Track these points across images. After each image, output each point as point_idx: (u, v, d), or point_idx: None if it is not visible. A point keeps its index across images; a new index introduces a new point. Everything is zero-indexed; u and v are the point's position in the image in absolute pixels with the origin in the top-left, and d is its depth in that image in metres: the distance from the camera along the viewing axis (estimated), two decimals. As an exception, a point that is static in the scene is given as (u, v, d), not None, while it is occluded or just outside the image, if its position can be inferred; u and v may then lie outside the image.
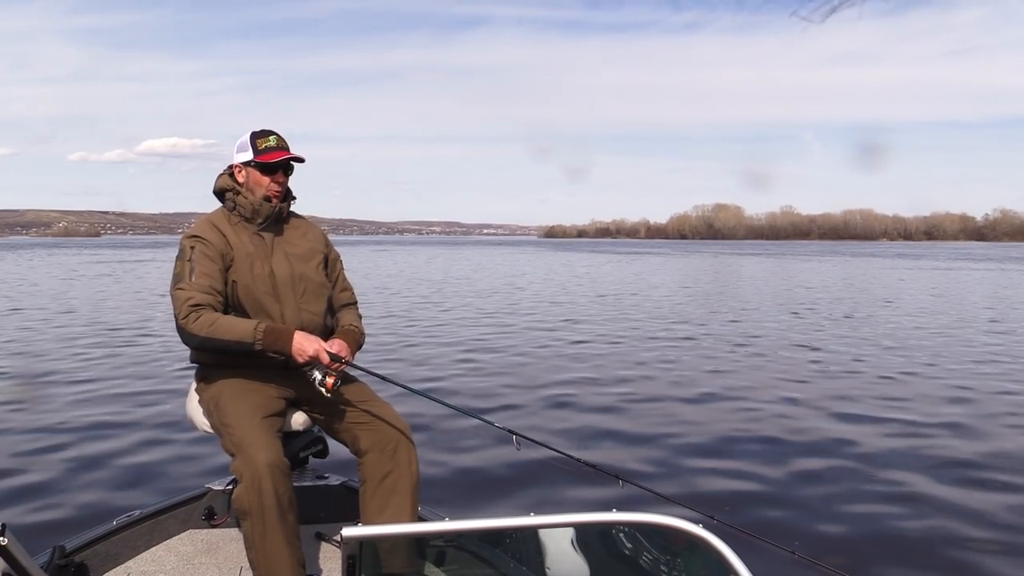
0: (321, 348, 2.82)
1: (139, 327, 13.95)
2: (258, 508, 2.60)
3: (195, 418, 3.09)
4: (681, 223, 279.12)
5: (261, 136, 3.03)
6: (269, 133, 3.04)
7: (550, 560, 1.82)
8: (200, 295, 2.81)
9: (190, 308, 2.78)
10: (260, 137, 3.02)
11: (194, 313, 2.78)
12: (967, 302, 21.37)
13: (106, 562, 3.02)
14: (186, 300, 2.80)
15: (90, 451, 6.05)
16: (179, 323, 2.81)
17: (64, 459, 5.82)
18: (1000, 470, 5.67)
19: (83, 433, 6.57)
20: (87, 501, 4.92)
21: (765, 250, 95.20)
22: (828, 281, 31.45)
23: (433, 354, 11.14)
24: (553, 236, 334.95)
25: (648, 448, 6.36)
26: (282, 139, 3.05)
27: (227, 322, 2.81)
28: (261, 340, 2.78)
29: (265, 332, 2.79)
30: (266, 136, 3.03)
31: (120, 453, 6.00)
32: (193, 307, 2.78)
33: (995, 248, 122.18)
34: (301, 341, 2.80)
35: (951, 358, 10.91)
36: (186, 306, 2.79)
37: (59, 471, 5.54)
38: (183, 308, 2.79)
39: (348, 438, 3.00)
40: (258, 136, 3.03)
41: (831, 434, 6.72)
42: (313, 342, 2.82)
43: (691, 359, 10.86)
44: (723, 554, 1.48)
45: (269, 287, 2.96)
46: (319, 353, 2.81)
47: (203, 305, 2.80)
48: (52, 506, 4.84)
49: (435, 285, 27.46)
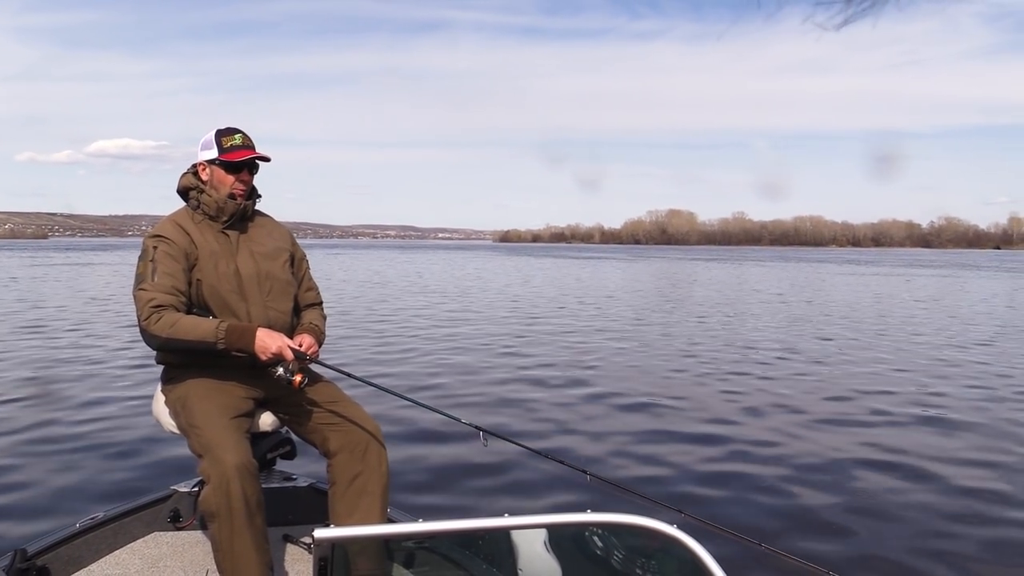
0: (284, 345, 2.79)
1: (89, 328, 13.68)
2: (226, 510, 2.57)
3: (161, 419, 3.05)
4: (635, 228, 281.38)
5: (226, 134, 3.00)
6: (234, 131, 3.02)
7: (522, 562, 1.81)
8: (162, 295, 2.78)
9: (151, 309, 2.75)
10: (225, 135, 2.99)
11: (156, 314, 2.75)
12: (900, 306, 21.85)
13: (69, 566, 2.97)
14: (148, 301, 2.76)
15: (50, 453, 5.92)
16: (141, 324, 2.77)
17: (23, 462, 5.68)
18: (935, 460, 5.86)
19: (41, 434, 6.43)
20: (48, 504, 4.81)
21: (717, 255, 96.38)
22: (777, 285, 31.96)
23: (399, 354, 11.11)
24: (508, 241, 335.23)
25: (611, 443, 6.44)
26: (247, 137, 3.03)
27: (189, 322, 2.78)
28: (223, 339, 2.75)
29: (227, 331, 2.76)
30: (231, 134, 3.00)
31: (82, 454, 5.88)
32: (155, 308, 2.75)
33: (944, 255, 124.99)
34: (264, 338, 2.78)
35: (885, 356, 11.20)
36: (148, 307, 2.75)
37: (18, 474, 5.41)
38: (145, 309, 2.76)
39: (318, 439, 2.97)
40: (223, 134, 3.00)
41: (775, 428, 6.86)
42: (276, 339, 2.79)
43: (644, 359, 10.96)
44: (696, 553, 1.49)
45: (234, 286, 2.93)
46: (282, 350, 2.78)
47: (165, 306, 2.77)
48: (12, 509, 4.73)
49: (393, 286, 27.35)
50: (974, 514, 4.92)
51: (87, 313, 17.02)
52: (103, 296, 22.24)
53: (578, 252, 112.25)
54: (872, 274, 44.96)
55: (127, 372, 9.49)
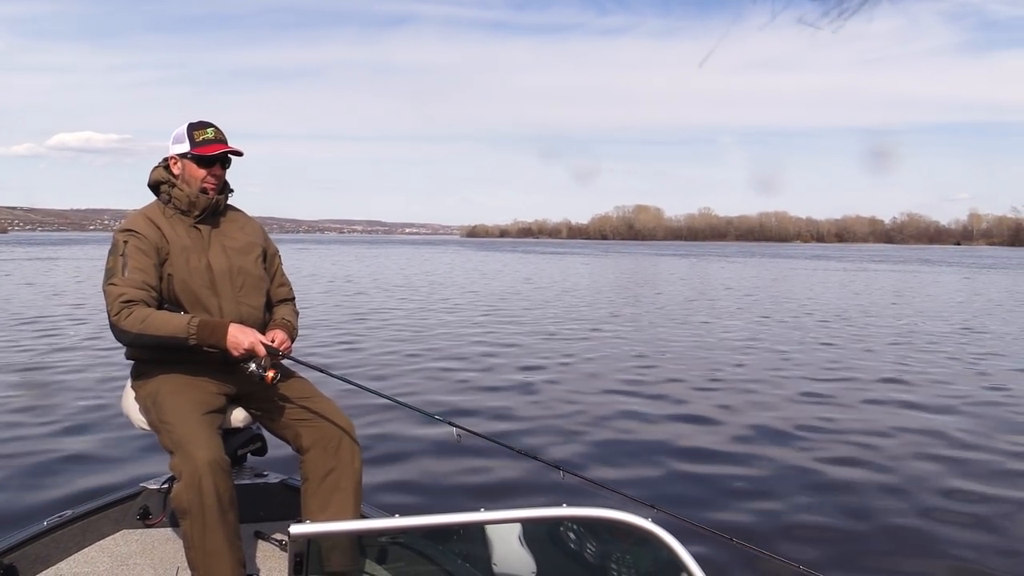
0: (257, 340, 2.78)
1: (52, 322, 13.47)
2: (198, 507, 2.55)
3: (131, 415, 3.02)
4: (602, 224, 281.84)
5: (199, 128, 2.98)
6: (207, 125, 3.00)
7: (497, 556, 1.81)
8: (132, 291, 2.75)
9: (122, 304, 2.72)
10: (198, 129, 2.98)
11: (126, 309, 2.72)
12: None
13: (36, 564, 2.93)
14: (118, 296, 2.74)
15: (15, 450, 5.83)
16: (111, 319, 2.75)
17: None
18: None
19: (5, 432, 6.33)
20: (14, 502, 4.73)
21: (684, 251, 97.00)
22: (750, 282, 32.25)
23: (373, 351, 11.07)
24: (475, 236, 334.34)
25: (586, 440, 6.48)
26: (220, 131, 3.01)
27: (159, 317, 2.75)
28: (195, 335, 2.73)
29: (199, 326, 2.74)
30: (204, 128, 2.98)
31: (49, 452, 5.79)
32: (125, 303, 2.72)
33: (905, 250, 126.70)
34: (236, 334, 2.76)
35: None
36: (117, 302, 2.73)
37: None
38: (115, 304, 2.73)
39: (290, 435, 2.96)
40: (195, 128, 2.98)
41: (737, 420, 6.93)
42: (248, 334, 2.78)
43: (615, 352, 11.01)
44: (671, 546, 1.50)
45: (206, 280, 2.91)
46: (255, 346, 2.77)
47: (135, 301, 2.74)
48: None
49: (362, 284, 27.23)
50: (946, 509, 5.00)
51: (49, 308, 16.75)
52: (67, 291, 21.90)
53: (546, 247, 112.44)
54: (842, 270, 45.50)
55: (94, 367, 9.38)
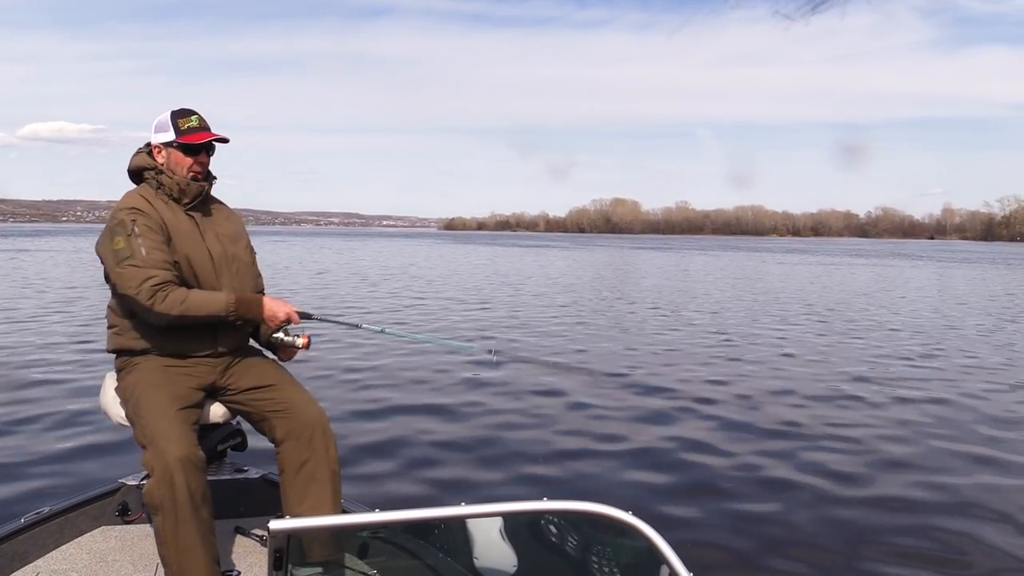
0: (292, 309, 2.93)
1: (23, 314, 13.31)
2: (170, 503, 2.54)
3: (109, 408, 3.01)
4: (580, 217, 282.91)
5: (183, 116, 2.98)
6: (190, 113, 3.00)
7: (478, 550, 1.82)
8: (160, 272, 2.74)
9: (154, 287, 2.71)
10: (182, 117, 2.97)
11: (160, 292, 2.72)
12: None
13: (13, 561, 2.91)
14: (146, 279, 2.71)
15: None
16: (144, 304, 2.71)
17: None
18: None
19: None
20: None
21: (662, 244, 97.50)
22: (731, 274, 32.46)
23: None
24: (453, 228, 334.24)
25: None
26: (203, 119, 3.01)
27: (199, 297, 2.81)
28: (234, 311, 2.82)
29: (237, 303, 2.84)
30: (188, 116, 2.98)
31: (25, 447, 5.74)
32: (157, 286, 2.71)
33: (881, 244, 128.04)
34: (271, 305, 2.91)
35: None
36: (148, 286, 2.71)
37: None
38: (145, 288, 2.70)
39: (266, 427, 2.97)
40: (179, 116, 2.98)
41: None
42: (283, 305, 2.92)
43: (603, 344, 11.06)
44: (651, 538, 1.51)
45: (209, 266, 2.93)
46: (290, 314, 2.91)
47: (166, 282, 2.74)
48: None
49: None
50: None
51: (23, 299, 16.57)
52: (42, 284, 21.66)
53: (524, 240, 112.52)
54: (820, 264, 45.88)
55: (73, 360, 9.32)
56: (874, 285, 27.59)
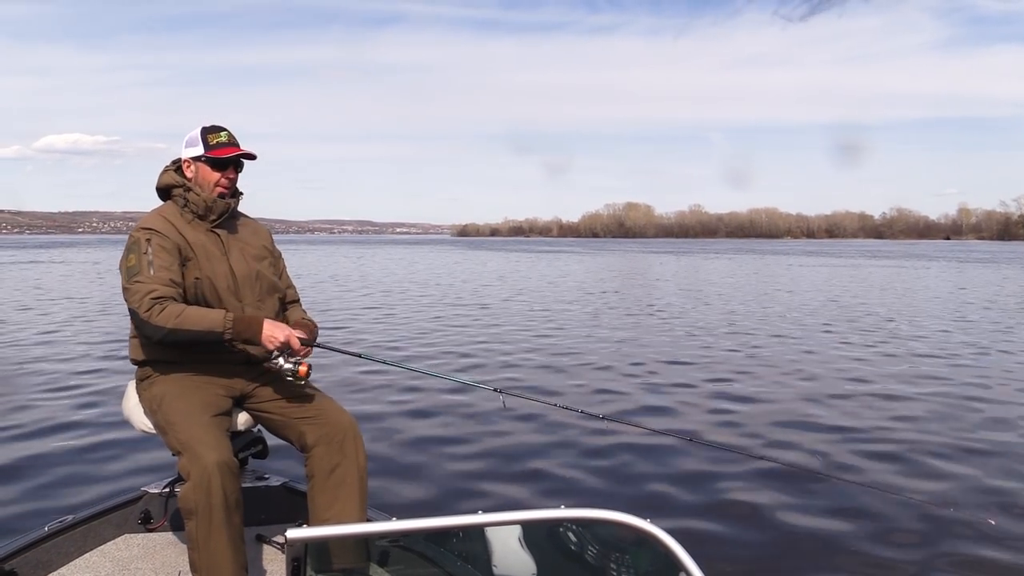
0: (291, 334, 2.86)
1: (47, 326, 13.41)
2: (205, 508, 2.57)
3: (133, 417, 3.03)
4: (593, 222, 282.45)
5: (212, 132, 3.02)
6: (220, 129, 3.04)
7: (497, 558, 1.82)
8: (162, 287, 2.78)
9: (153, 300, 2.75)
10: (211, 132, 3.02)
11: (158, 305, 2.75)
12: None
13: (38, 569, 2.94)
14: (148, 293, 2.76)
15: (15, 456, 5.80)
16: (142, 316, 2.75)
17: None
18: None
19: (6, 436, 6.31)
20: (14, 508, 4.72)
21: (675, 248, 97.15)
22: (746, 279, 32.35)
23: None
24: (466, 235, 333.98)
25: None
26: (232, 135, 3.05)
27: (195, 312, 2.79)
28: (231, 329, 2.79)
29: (235, 321, 2.80)
30: (217, 132, 3.03)
31: (48, 457, 5.76)
32: (155, 299, 2.75)
33: (897, 245, 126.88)
34: (271, 328, 2.84)
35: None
36: (148, 299, 2.75)
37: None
38: (145, 301, 2.75)
39: (294, 434, 2.98)
40: (209, 131, 3.02)
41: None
42: (283, 329, 2.86)
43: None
44: (670, 547, 1.51)
45: (231, 285, 2.96)
46: (290, 339, 2.84)
47: (166, 297, 2.77)
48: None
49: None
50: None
51: (44, 311, 16.69)
52: (62, 296, 21.79)
53: (538, 246, 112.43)
54: (854, 266, 45.24)
55: (94, 369, 9.36)
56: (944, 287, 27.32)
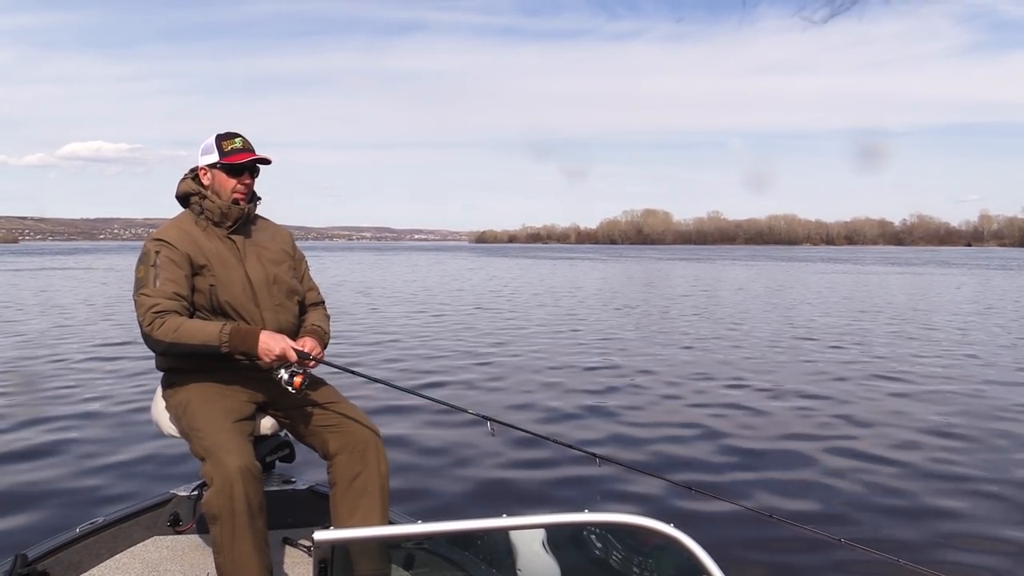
0: (288, 346, 2.81)
1: (76, 332, 13.52)
2: (228, 512, 2.59)
3: (161, 423, 3.07)
4: (611, 228, 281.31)
5: (226, 138, 3.03)
6: (234, 135, 3.05)
7: (521, 562, 1.82)
8: (164, 301, 2.80)
9: (154, 314, 2.77)
10: (225, 139, 3.03)
11: (158, 319, 2.77)
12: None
13: (69, 570, 2.98)
14: (151, 306, 2.78)
15: (48, 459, 5.89)
16: (143, 329, 2.79)
17: (21, 467, 5.67)
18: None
19: (36, 440, 6.40)
20: (47, 508, 4.80)
21: (694, 255, 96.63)
22: (766, 284, 32.18)
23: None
24: (484, 241, 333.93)
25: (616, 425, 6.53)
26: (247, 141, 3.06)
27: (192, 326, 2.80)
28: (227, 342, 2.78)
29: (231, 334, 2.79)
30: (231, 138, 3.04)
31: (80, 460, 5.85)
32: (156, 313, 2.77)
33: (918, 252, 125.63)
34: (267, 340, 2.80)
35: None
36: (150, 312, 2.77)
37: (17, 479, 5.39)
38: (147, 314, 2.78)
39: (317, 441, 3.00)
40: (223, 138, 3.03)
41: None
42: (280, 341, 2.82)
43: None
44: (694, 552, 1.50)
45: (248, 291, 2.96)
46: (286, 351, 2.80)
47: (167, 311, 2.79)
48: (11, 514, 4.71)
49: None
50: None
51: (73, 317, 16.83)
52: (92, 302, 21.96)
53: (557, 252, 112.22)
54: (887, 273, 44.43)
55: (124, 375, 9.45)
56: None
